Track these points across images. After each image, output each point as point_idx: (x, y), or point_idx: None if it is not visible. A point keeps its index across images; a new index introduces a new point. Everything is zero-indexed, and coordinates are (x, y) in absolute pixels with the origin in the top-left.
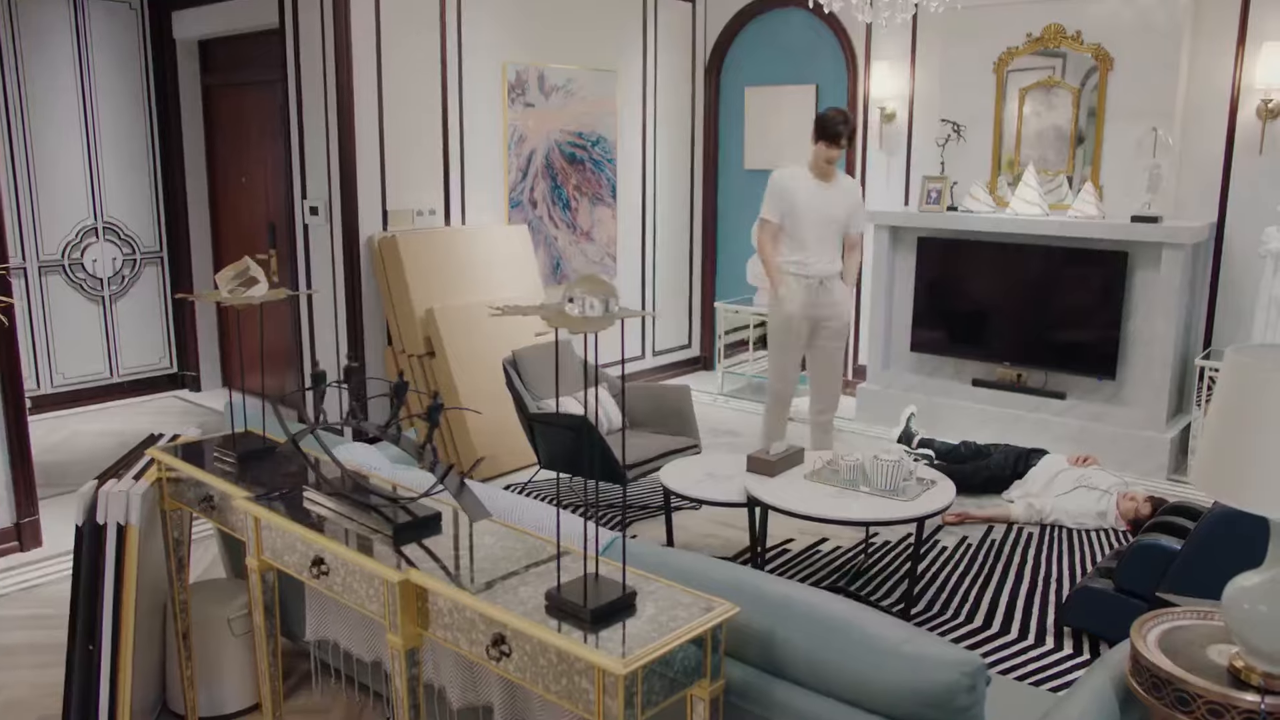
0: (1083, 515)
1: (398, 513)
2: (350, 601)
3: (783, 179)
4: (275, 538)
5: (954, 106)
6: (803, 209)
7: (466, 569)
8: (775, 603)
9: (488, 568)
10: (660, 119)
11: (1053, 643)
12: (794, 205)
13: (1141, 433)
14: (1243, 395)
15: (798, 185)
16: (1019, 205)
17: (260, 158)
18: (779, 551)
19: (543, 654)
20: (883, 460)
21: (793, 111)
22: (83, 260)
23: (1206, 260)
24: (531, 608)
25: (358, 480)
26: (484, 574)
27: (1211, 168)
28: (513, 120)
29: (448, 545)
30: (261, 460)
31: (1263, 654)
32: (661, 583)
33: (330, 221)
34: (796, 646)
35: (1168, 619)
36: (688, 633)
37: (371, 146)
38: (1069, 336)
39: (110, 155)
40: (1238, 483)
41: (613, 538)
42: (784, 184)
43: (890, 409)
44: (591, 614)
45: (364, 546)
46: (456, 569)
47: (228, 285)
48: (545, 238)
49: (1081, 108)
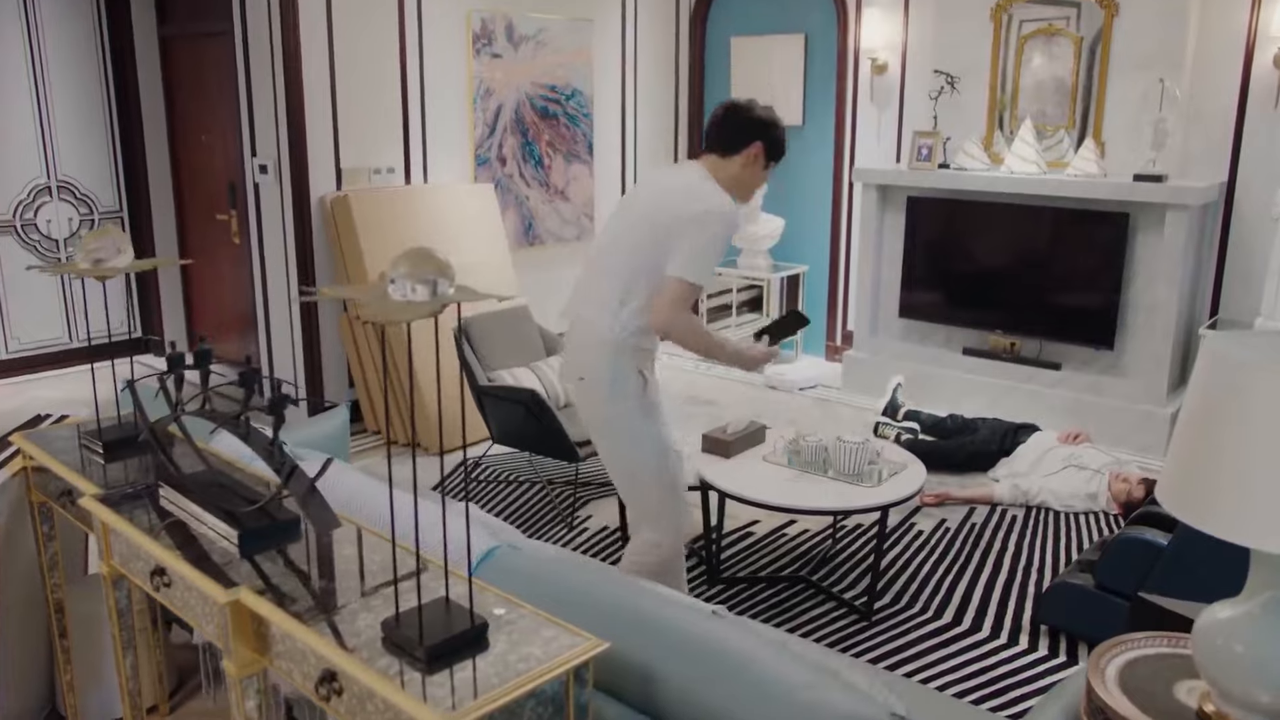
0: (1071, 497)
1: (251, 517)
2: (190, 619)
3: (737, 216)
4: (122, 541)
5: (948, 57)
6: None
7: (311, 587)
8: (656, 632)
9: (337, 585)
10: (641, 71)
11: (1026, 642)
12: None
13: (1140, 406)
14: (1221, 395)
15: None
16: (1014, 163)
17: (220, 114)
18: (741, 535)
19: (370, 698)
20: (846, 442)
21: (781, 62)
22: (36, 221)
23: (1214, 223)
24: (367, 639)
25: (218, 477)
26: (334, 593)
27: (1222, 123)
28: (478, 72)
29: (303, 556)
30: (134, 450)
31: (1234, 698)
32: (526, 610)
33: (280, 180)
34: (674, 686)
35: (1131, 647)
36: (539, 676)
37: (322, 100)
38: (1066, 303)
39: (63, 110)
40: (1210, 503)
41: (492, 548)
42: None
43: (877, 378)
44: (427, 652)
45: (203, 557)
46: (303, 587)
47: (90, 255)
48: (516, 197)
49: (1083, 58)
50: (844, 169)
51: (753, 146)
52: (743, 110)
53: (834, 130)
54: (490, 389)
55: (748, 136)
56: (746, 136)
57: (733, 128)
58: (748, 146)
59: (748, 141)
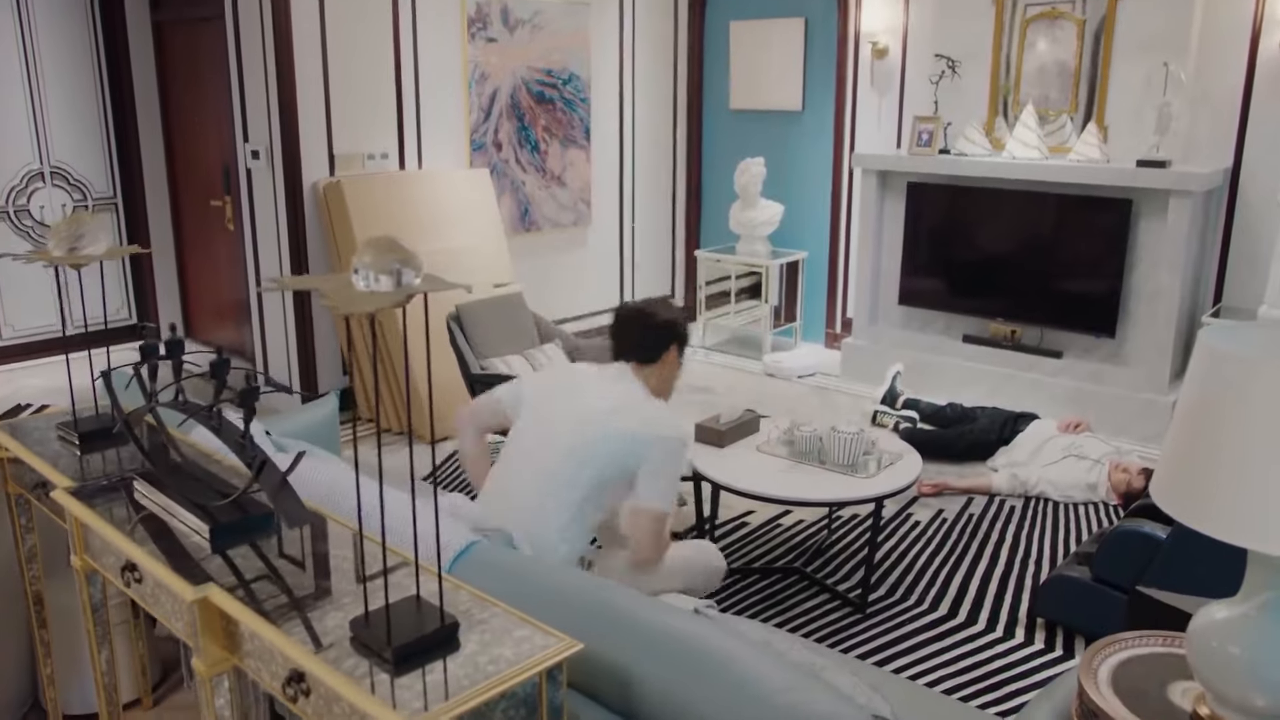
0: (1071, 487)
1: (224, 511)
2: (160, 616)
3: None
4: (94, 535)
5: (950, 40)
6: None
7: (284, 583)
8: (637, 632)
9: (312, 582)
10: (639, 55)
11: (1022, 635)
12: None
13: (1141, 395)
14: (1217, 391)
15: None
16: (1016, 148)
17: (213, 99)
18: (736, 525)
19: (337, 700)
20: (841, 433)
21: (781, 47)
22: (29, 207)
23: (1219, 209)
24: (338, 638)
25: (193, 469)
26: (308, 590)
27: (1228, 107)
28: (473, 56)
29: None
30: (111, 441)
31: (1230, 702)
32: (500, 608)
33: (272, 166)
34: (652, 688)
35: (1125, 646)
36: (510, 678)
37: (315, 85)
38: (1067, 290)
39: (55, 95)
40: (1205, 501)
41: (471, 543)
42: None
43: (876, 366)
44: (395, 653)
45: (176, 552)
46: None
47: (65, 244)
48: (512, 182)
49: (1087, 41)
50: (844, 155)
51: (669, 351)
52: (650, 317)
53: (834, 115)
54: (483, 377)
55: (664, 343)
56: (663, 344)
57: (650, 340)
58: (665, 352)
59: (665, 348)
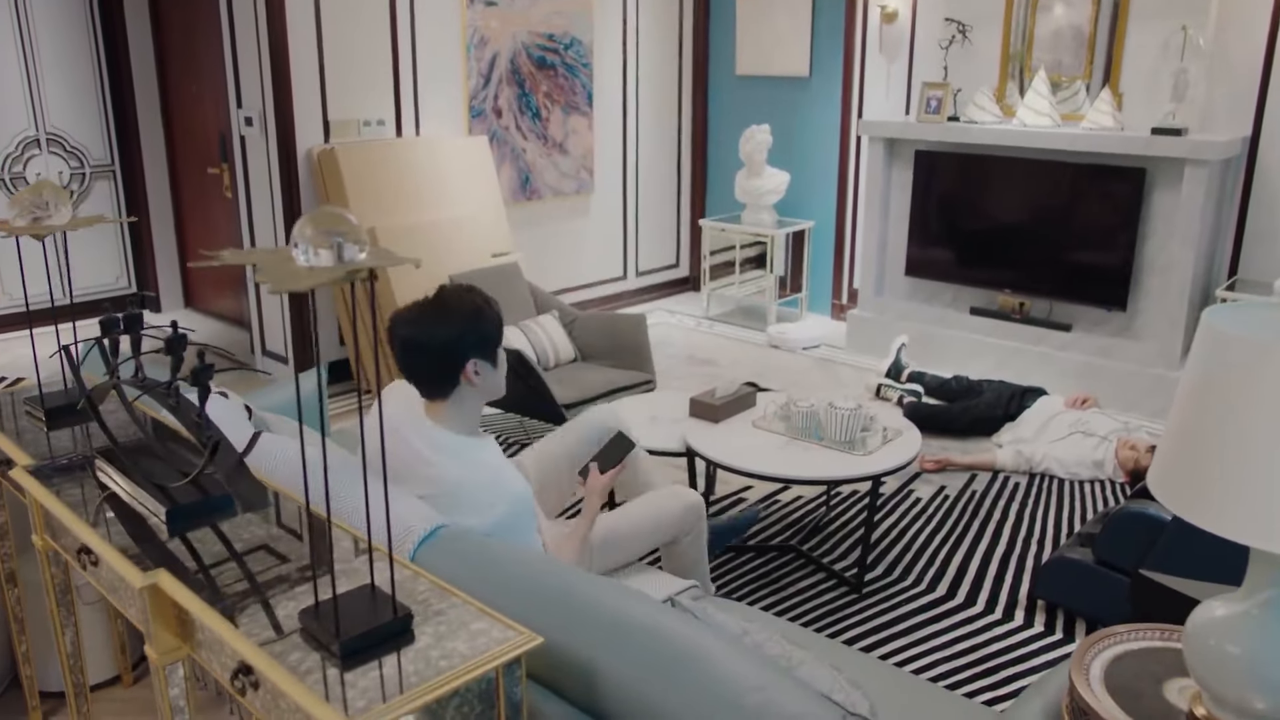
0: (1077, 465)
1: (182, 491)
2: (115, 601)
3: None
4: (52, 515)
5: (961, 4)
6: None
7: (244, 568)
8: (602, 623)
9: (272, 568)
10: (643, 20)
11: (1022, 618)
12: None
13: (1152, 370)
14: (1223, 376)
15: None
16: (1027, 115)
17: (208, 64)
18: (734, 501)
19: (282, 695)
20: (838, 409)
21: (788, 11)
22: (25, 174)
23: (1236, 179)
24: (290, 629)
25: (156, 447)
26: (266, 576)
27: (1248, 74)
28: (472, 20)
29: (235, 534)
30: (78, 417)
31: (1228, 704)
32: (460, 598)
33: (265, 133)
34: (617, 684)
35: (1120, 640)
36: (463, 674)
37: (308, 50)
38: (1078, 262)
39: (50, 61)
40: (1204, 495)
41: (436, 527)
42: None
43: (882, 338)
44: (343, 646)
45: (136, 534)
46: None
47: (28, 213)
48: (513, 150)
49: (1102, 4)
50: (851, 122)
51: (467, 367)
52: (427, 343)
53: (841, 82)
54: None
55: (455, 364)
56: (453, 365)
57: (436, 370)
58: (462, 372)
59: (459, 369)
